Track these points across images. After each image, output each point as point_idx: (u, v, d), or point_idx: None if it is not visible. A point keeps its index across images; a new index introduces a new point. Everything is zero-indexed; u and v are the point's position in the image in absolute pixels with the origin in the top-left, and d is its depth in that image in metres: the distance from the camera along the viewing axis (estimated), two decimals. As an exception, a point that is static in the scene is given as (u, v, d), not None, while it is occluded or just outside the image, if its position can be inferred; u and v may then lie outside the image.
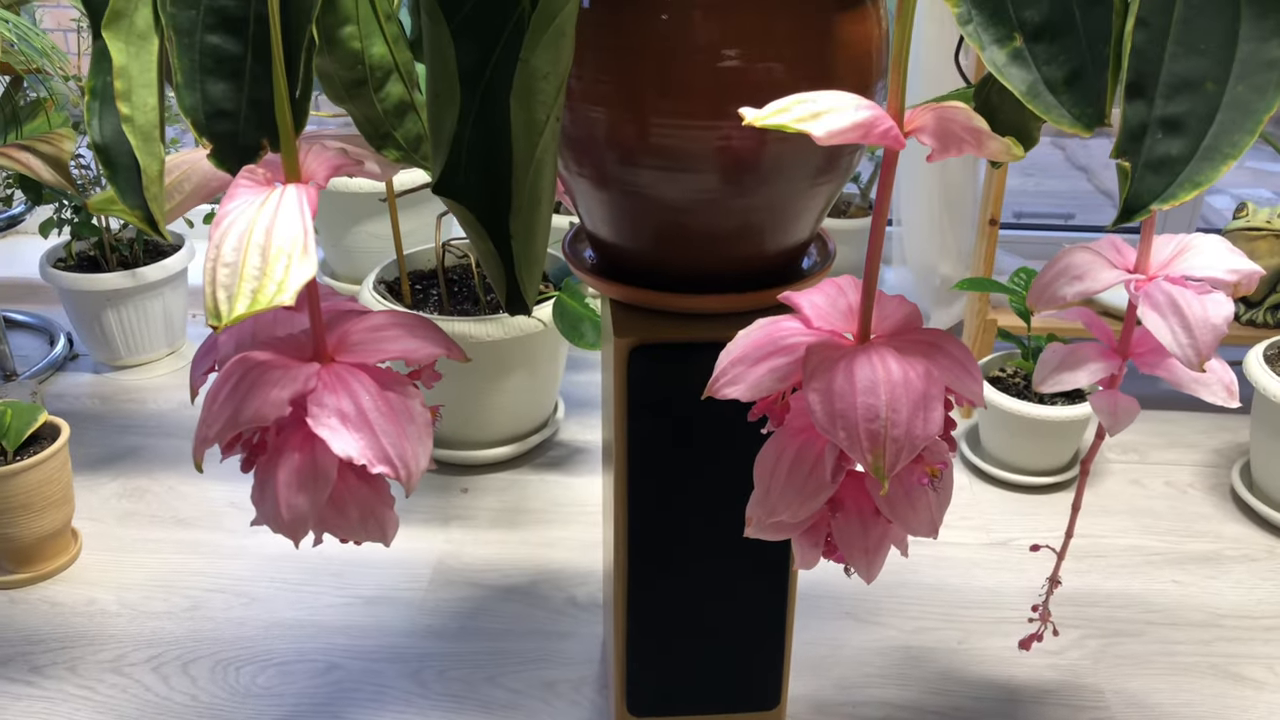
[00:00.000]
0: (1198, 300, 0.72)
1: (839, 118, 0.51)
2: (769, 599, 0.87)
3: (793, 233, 0.79)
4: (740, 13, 0.69)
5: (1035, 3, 0.48)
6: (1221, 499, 1.38)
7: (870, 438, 0.54)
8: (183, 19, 0.59)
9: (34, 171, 0.96)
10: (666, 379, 0.79)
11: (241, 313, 0.54)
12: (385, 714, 1.04)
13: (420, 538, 1.29)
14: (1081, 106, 0.46)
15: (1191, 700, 1.06)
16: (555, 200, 0.69)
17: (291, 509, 0.63)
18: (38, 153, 0.96)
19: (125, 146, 0.60)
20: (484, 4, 0.62)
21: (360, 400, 0.62)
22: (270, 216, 0.56)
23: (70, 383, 1.64)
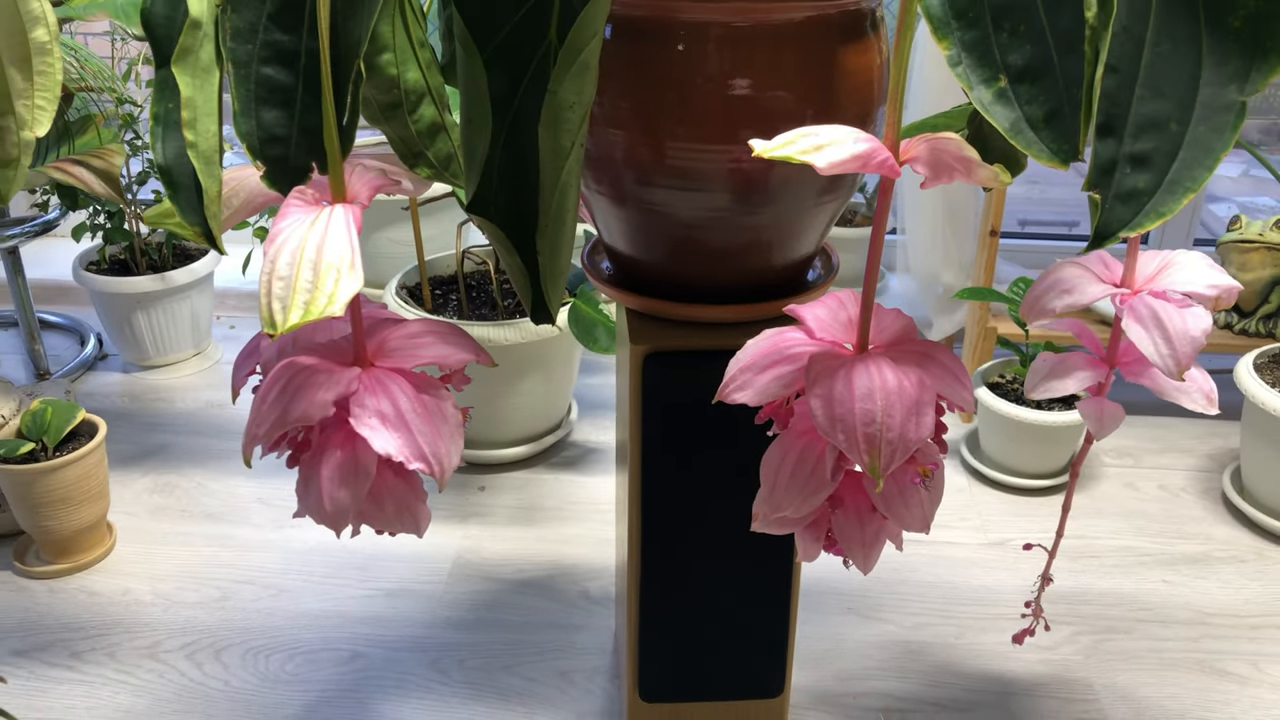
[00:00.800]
0: (1178, 314, 0.77)
1: (839, 150, 0.56)
2: (773, 592, 0.92)
3: (798, 247, 0.84)
4: (750, 45, 0.74)
5: (1019, 48, 0.53)
6: (1213, 502, 1.43)
7: (867, 440, 0.59)
8: (241, 53, 0.65)
9: (87, 185, 1.01)
10: (679, 384, 0.84)
11: (295, 323, 0.59)
12: (407, 701, 1.10)
13: (440, 534, 1.34)
14: (1059, 143, 0.51)
15: (1177, 694, 1.11)
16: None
17: (334, 502, 0.68)
18: (90, 167, 1.01)
19: (186, 168, 0.66)
20: (514, 36, 0.68)
21: (398, 402, 0.67)
22: (321, 234, 0.61)
23: (101, 382, 1.69)
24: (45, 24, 0.74)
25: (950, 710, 1.09)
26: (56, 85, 0.76)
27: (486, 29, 0.66)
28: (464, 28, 0.67)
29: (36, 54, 0.74)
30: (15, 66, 0.73)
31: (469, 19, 0.66)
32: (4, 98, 0.74)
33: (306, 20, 0.65)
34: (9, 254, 1.60)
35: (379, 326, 0.71)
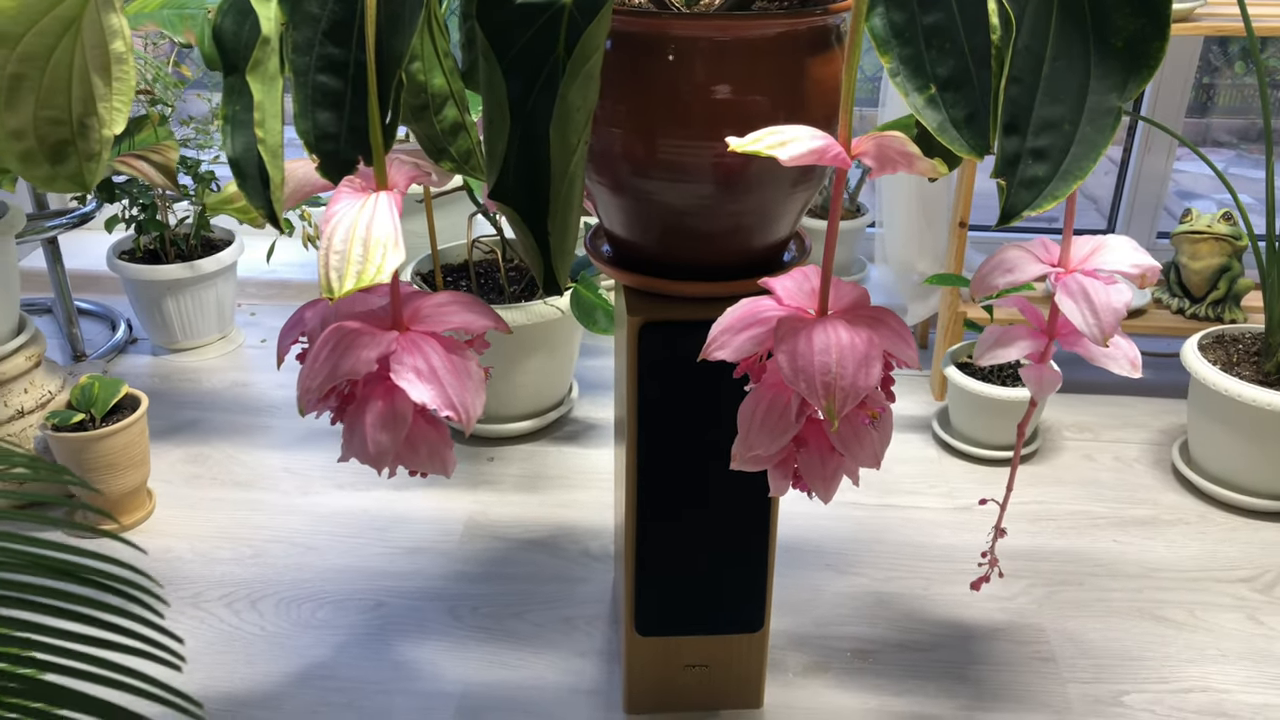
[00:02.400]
0: (1104, 289, 0.89)
1: (799, 146, 0.68)
2: (753, 536, 1.04)
3: (775, 231, 0.96)
4: (731, 56, 0.86)
5: (944, 62, 0.64)
6: (1163, 472, 1.55)
7: (825, 387, 0.71)
8: (300, 63, 0.77)
9: (147, 177, 1.13)
10: (670, 350, 0.96)
11: (349, 289, 0.71)
12: (427, 642, 1.22)
13: (453, 499, 1.46)
14: (975, 139, 0.63)
15: (1120, 638, 1.23)
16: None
17: (376, 445, 0.80)
18: (150, 161, 1.13)
19: (253, 160, 0.78)
20: (527, 49, 0.79)
21: (431, 360, 0.79)
22: (369, 216, 0.74)
23: (132, 364, 1.81)
24: (122, 37, 0.86)
25: (914, 650, 1.21)
26: (130, 90, 0.88)
27: (504, 42, 0.78)
28: (485, 41, 0.78)
29: (115, 63, 0.86)
30: (98, 74, 0.85)
31: (489, 33, 0.78)
32: (90, 100, 0.86)
33: (355, 36, 0.76)
34: (49, 244, 1.72)
35: (412, 297, 0.83)
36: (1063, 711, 1.13)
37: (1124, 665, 1.19)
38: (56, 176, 0.86)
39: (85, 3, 0.79)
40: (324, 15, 0.77)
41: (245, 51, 0.79)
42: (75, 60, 0.82)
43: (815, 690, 1.16)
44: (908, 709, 1.13)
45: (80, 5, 0.79)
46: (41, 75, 0.81)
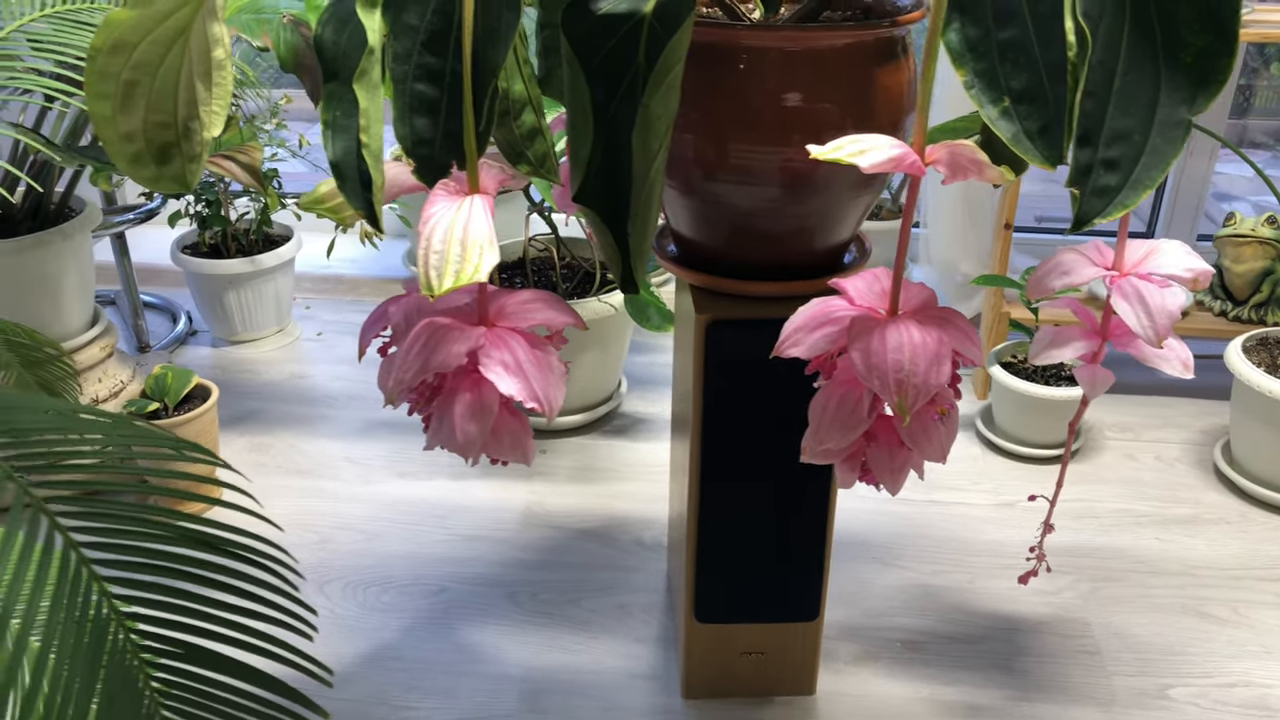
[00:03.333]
0: (1158, 292, 0.92)
1: (878, 154, 0.71)
2: (812, 528, 1.07)
3: (837, 233, 1.00)
4: (801, 65, 0.90)
5: (1018, 76, 0.68)
6: (1205, 472, 1.57)
7: (897, 385, 0.75)
8: (399, 72, 0.81)
9: (235, 176, 1.18)
10: (735, 347, 1.00)
11: (449, 287, 0.75)
12: (488, 626, 1.26)
13: (509, 489, 1.51)
14: (1048, 150, 0.66)
15: (1164, 633, 1.26)
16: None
17: (465, 434, 0.84)
18: (237, 161, 1.18)
19: (353, 163, 0.82)
20: (609, 58, 0.83)
21: (517, 354, 0.83)
22: (465, 218, 0.78)
23: (193, 355, 1.87)
24: (223, 45, 0.91)
25: (962, 642, 1.25)
26: (228, 94, 0.92)
27: (587, 51, 0.82)
28: (570, 49, 0.82)
29: (215, 69, 0.91)
30: (201, 80, 0.90)
31: (574, 42, 0.82)
32: (193, 105, 0.90)
33: (451, 46, 0.81)
34: (116, 238, 1.78)
35: (497, 295, 0.87)
36: (1108, 704, 1.16)
37: (1168, 660, 1.22)
38: (161, 177, 0.91)
39: (196, 13, 0.83)
40: (422, 27, 0.81)
41: (345, 60, 0.83)
42: (183, 67, 0.87)
43: (866, 679, 1.20)
44: (957, 698, 1.17)
45: (191, 15, 0.83)
46: (152, 81, 0.86)
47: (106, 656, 0.48)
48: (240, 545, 0.54)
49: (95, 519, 0.52)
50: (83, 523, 0.52)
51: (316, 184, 0.95)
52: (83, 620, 0.47)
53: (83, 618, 0.47)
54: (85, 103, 1.11)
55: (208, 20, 0.88)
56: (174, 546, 0.52)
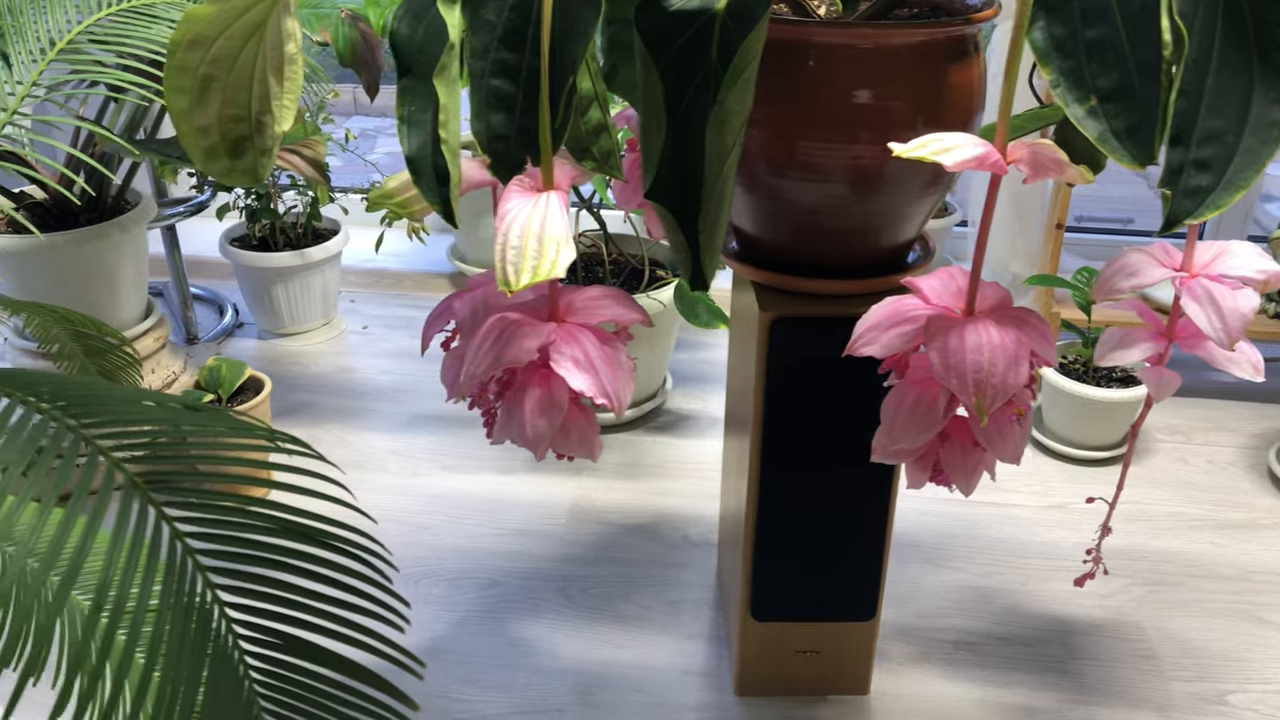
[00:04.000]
0: (1230, 294, 0.91)
1: (963, 152, 0.71)
2: (871, 527, 1.07)
3: (902, 232, 1.00)
4: (871, 63, 0.89)
5: (1106, 74, 0.67)
6: (1259, 476, 1.55)
7: (976, 385, 0.74)
8: (476, 68, 0.81)
9: (299, 170, 1.18)
10: (799, 345, 0.99)
11: (526, 283, 0.75)
12: (540, 620, 1.26)
13: (556, 484, 1.51)
14: (1137, 150, 0.66)
15: (1222, 638, 1.25)
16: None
17: (534, 429, 0.84)
18: (302, 155, 1.19)
19: (428, 157, 0.82)
20: (682, 53, 0.83)
21: (587, 350, 0.83)
22: (542, 214, 0.78)
23: (239, 347, 1.88)
24: (294, 39, 0.91)
25: (1017, 644, 1.24)
26: (299, 89, 0.93)
27: (660, 47, 0.82)
28: (643, 46, 0.82)
29: (287, 64, 0.91)
30: (274, 74, 0.91)
31: (646, 38, 0.81)
32: (266, 99, 0.91)
33: (528, 43, 0.81)
34: (167, 231, 1.79)
35: (565, 291, 0.88)
36: (1166, 708, 1.15)
37: (1226, 666, 1.21)
38: (234, 170, 0.91)
39: (272, 8, 0.84)
40: (500, 23, 0.81)
41: (419, 55, 0.83)
42: (257, 62, 0.87)
43: (919, 679, 1.19)
44: (1012, 700, 1.16)
45: (268, 10, 0.84)
46: (228, 76, 0.86)
47: (211, 645, 0.48)
48: (336, 537, 0.54)
49: (197, 509, 0.52)
50: (186, 512, 0.52)
51: (385, 179, 0.95)
52: (189, 609, 0.48)
53: (189, 606, 0.48)
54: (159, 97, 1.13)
55: (282, 15, 0.88)
56: (272, 537, 0.53)
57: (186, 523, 0.52)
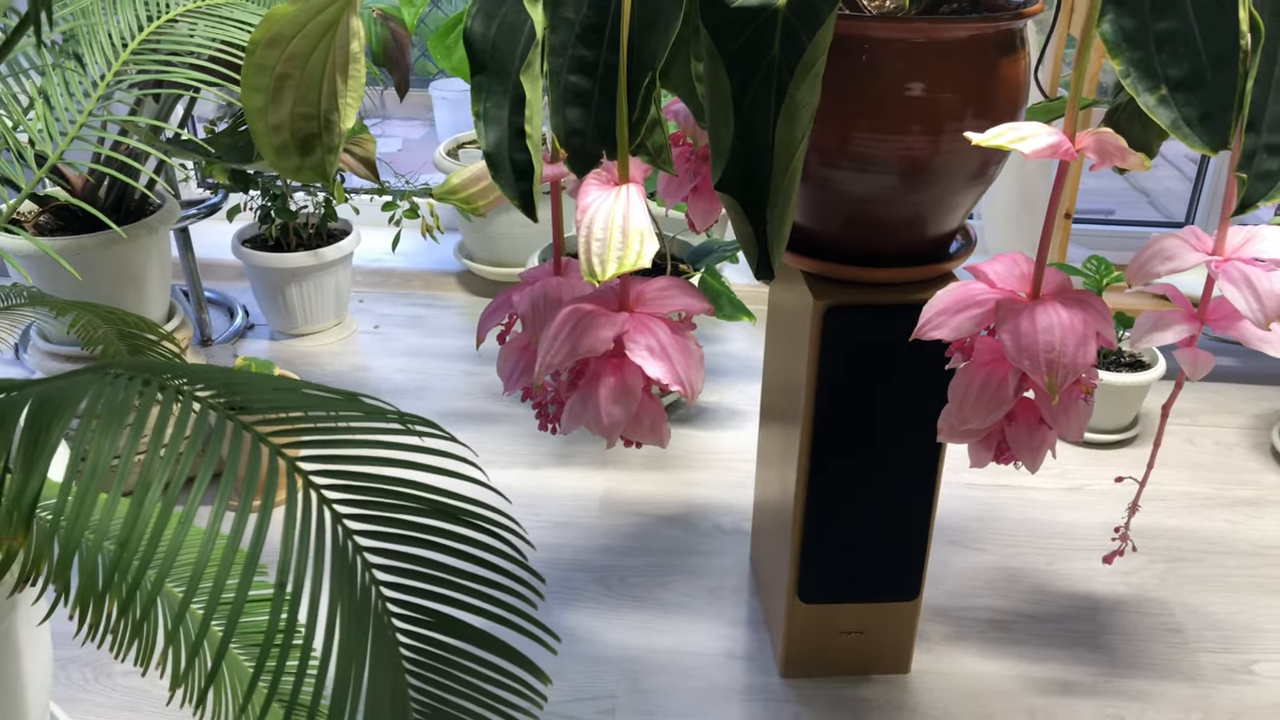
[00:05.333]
0: (1265, 276, 0.94)
1: (1038, 141, 0.74)
2: (917, 509, 1.10)
3: (948, 222, 1.03)
4: (923, 56, 0.92)
5: (1177, 64, 0.70)
6: (1263, 455, 1.61)
7: (1048, 364, 0.77)
8: (555, 65, 0.83)
9: (352, 169, 1.19)
10: (852, 333, 1.02)
11: (613, 273, 0.77)
12: (582, 609, 1.28)
13: (587, 477, 1.53)
14: (1210, 136, 0.69)
15: (1243, 610, 1.29)
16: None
17: (610, 416, 0.86)
18: (354, 154, 1.20)
19: (505, 151, 0.84)
20: (746, 46, 0.85)
21: (660, 339, 0.85)
22: (625, 207, 0.80)
23: (253, 348, 1.88)
24: (359, 38, 0.92)
25: (1047, 621, 1.28)
26: (361, 87, 0.94)
27: (725, 42, 0.84)
28: (710, 41, 0.84)
29: (352, 62, 0.93)
30: (339, 73, 0.92)
31: (712, 31, 0.83)
32: (333, 97, 0.92)
33: (606, 38, 0.82)
34: (180, 233, 1.79)
35: (634, 282, 0.90)
36: (1195, 679, 1.19)
37: (1250, 636, 1.25)
38: (303, 167, 0.92)
39: (346, 6, 0.85)
40: (578, 20, 0.83)
41: (494, 52, 0.85)
42: (328, 60, 0.89)
43: (958, 657, 1.23)
44: (1048, 675, 1.20)
45: (343, 9, 0.85)
46: (301, 74, 0.88)
47: (372, 624, 0.50)
48: (479, 515, 0.56)
49: (353, 491, 0.54)
50: (343, 495, 0.54)
51: (449, 175, 0.97)
52: (353, 590, 0.49)
53: (353, 588, 0.49)
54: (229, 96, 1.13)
55: (350, 14, 0.90)
56: (421, 517, 0.54)
57: (344, 504, 0.54)
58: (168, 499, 0.47)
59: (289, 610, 0.47)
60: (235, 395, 0.52)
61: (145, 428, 0.50)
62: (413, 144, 3.31)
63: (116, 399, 0.51)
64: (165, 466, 0.47)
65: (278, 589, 0.47)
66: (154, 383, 0.52)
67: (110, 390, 0.52)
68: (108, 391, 0.52)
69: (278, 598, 0.47)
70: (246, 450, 0.51)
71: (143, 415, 0.51)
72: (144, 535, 0.46)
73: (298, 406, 0.55)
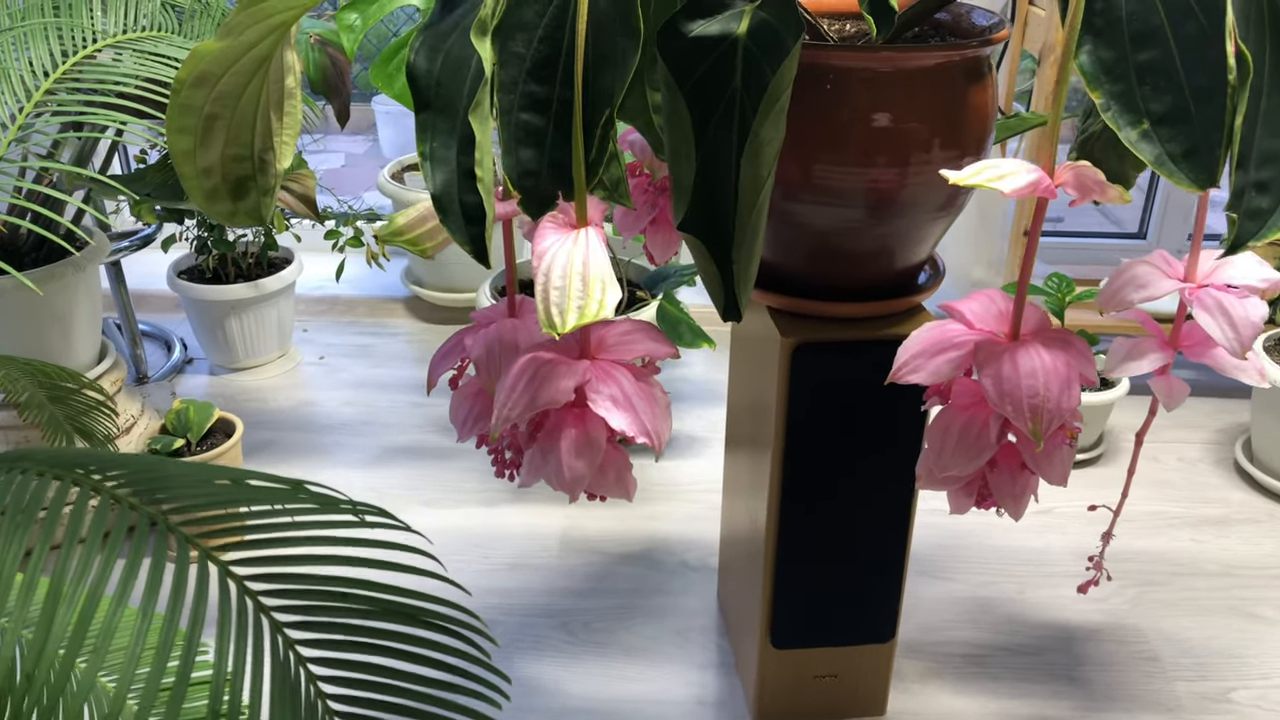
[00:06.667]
0: (1240, 303, 0.92)
1: (1018, 179, 0.70)
2: (890, 550, 1.06)
3: (916, 254, 0.99)
4: (888, 87, 0.88)
5: (1159, 98, 0.67)
6: (1227, 471, 1.60)
7: (1032, 410, 0.74)
8: (504, 102, 0.78)
9: (290, 206, 1.13)
10: (821, 370, 0.98)
11: (573, 325, 0.73)
12: (544, 658, 1.23)
13: (543, 514, 1.48)
14: (1196, 173, 0.66)
15: (1218, 635, 1.27)
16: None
17: (572, 471, 0.81)
18: (292, 191, 1.13)
19: (454, 195, 0.79)
20: (705, 79, 0.81)
21: (624, 387, 0.80)
22: (584, 252, 0.75)
23: (192, 384, 1.80)
24: (294, 73, 0.87)
25: (1022, 654, 1.25)
26: (298, 124, 0.89)
27: (683, 74, 0.80)
28: (667, 73, 0.80)
29: (287, 98, 0.87)
30: (274, 110, 0.86)
31: (670, 62, 0.79)
32: (268, 136, 0.86)
33: (560, 73, 0.78)
34: (112, 266, 1.71)
35: (594, 326, 0.85)
36: (1175, 710, 1.17)
37: (1226, 663, 1.23)
38: (237, 212, 0.86)
39: (279, 41, 0.80)
40: (529, 54, 0.78)
41: (439, 89, 0.80)
42: (261, 98, 0.83)
43: (933, 695, 1.19)
44: (1026, 712, 1.17)
45: (275, 44, 0.79)
46: (232, 114, 0.82)
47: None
48: (437, 615, 0.51)
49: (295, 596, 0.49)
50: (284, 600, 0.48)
51: (392, 215, 0.91)
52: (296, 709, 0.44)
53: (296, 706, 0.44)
54: (153, 136, 1.06)
55: (284, 48, 0.84)
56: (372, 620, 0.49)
57: (285, 611, 0.48)
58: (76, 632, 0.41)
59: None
60: (163, 491, 0.47)
61: (55, 535, 0.45)
62: (357, 159, 3.23)
63: (23, 500, 0.45)
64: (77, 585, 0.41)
65: (211, 715, 0.42)
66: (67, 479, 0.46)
67: (18, 488, 0.46)
68: (14, 490, 0.46)
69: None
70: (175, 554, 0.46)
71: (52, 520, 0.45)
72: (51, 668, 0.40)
73: (235, 500, 0.49)
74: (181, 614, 0.44)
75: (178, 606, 0.44)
